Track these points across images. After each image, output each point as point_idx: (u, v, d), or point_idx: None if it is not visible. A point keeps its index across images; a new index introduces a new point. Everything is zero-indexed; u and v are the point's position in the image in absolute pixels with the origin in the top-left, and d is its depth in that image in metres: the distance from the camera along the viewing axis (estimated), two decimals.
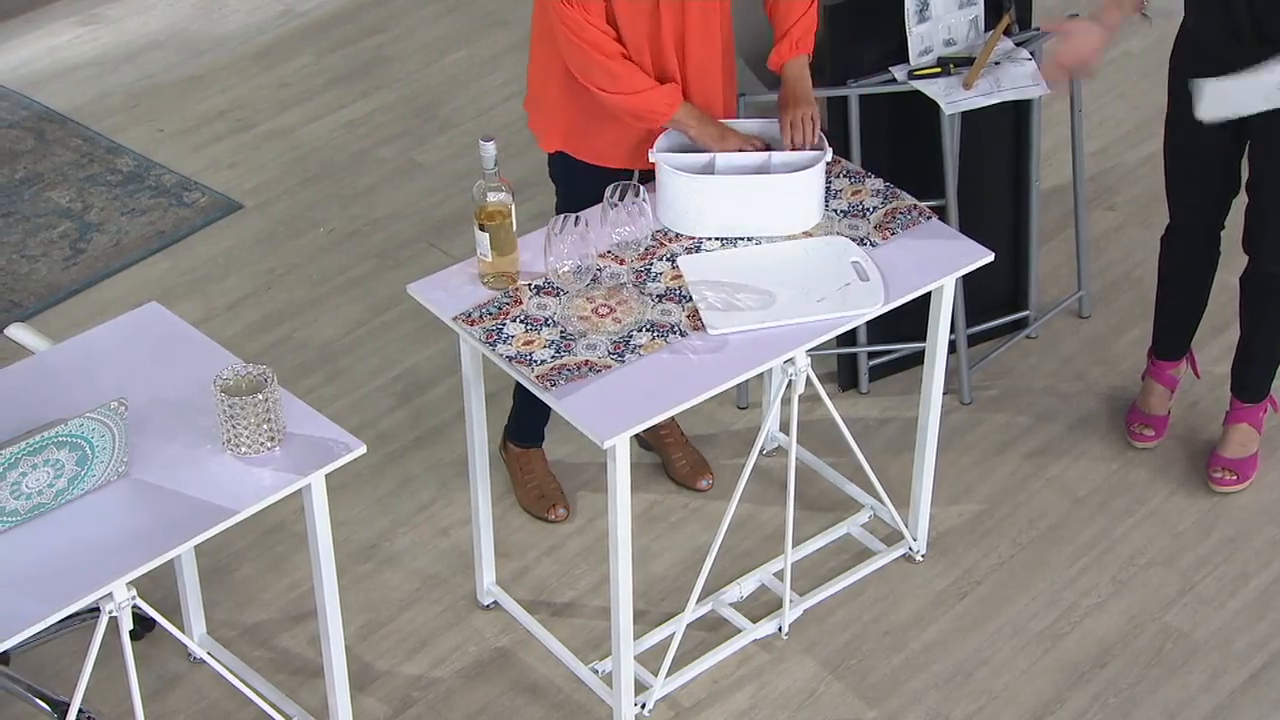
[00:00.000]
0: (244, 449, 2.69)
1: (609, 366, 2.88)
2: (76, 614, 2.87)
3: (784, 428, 3.75)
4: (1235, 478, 3.58)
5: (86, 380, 2.83)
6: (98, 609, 2.55)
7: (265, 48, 5.23)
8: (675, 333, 2.95)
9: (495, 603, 3.40)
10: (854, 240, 3.13)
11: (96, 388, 2.81)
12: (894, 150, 3.75)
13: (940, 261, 3.10)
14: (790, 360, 3.00)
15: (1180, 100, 3.41)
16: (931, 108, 3.62)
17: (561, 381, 2.85)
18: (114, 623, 2.58)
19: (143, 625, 3.29)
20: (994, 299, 3.99)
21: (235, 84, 5.05)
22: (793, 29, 3.24)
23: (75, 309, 4.19)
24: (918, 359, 3.93)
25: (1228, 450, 3.61)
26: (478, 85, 5.02)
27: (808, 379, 3.03)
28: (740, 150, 3.16)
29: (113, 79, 5.08)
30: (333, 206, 4.54)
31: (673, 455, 3.68)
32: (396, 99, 4.97)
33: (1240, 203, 3.47)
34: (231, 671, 3.07)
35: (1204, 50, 3.29)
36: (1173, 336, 3.69)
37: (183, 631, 3.20)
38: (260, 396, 2.66)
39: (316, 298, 4.22)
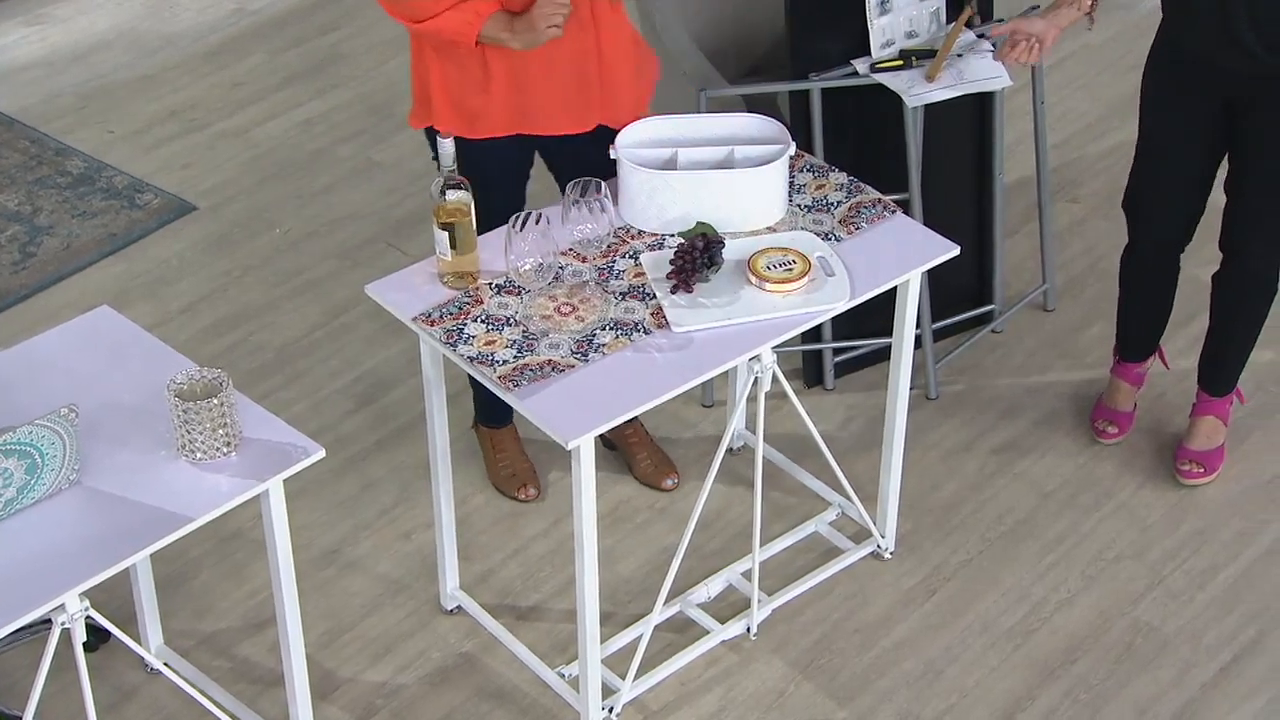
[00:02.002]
0: (199, 455, 2.63)
1: (572, 366, 2.83)
2: (28, 626, 2.80)
3: (750, 425, 3.70)
4: (1202, 470, 3.56)
5: (36, 386, 2.76)
6: (49, 621, 2.49)
7: (217, 46, 5.16)
8: (639, 331, 2.90)
9: (459, 607, 3.35)
10: (818, 235, 3.09)
11: (46, 394, 2.75)
12: (856, 144, 3.72)
13: (906, 256, 3.06)
14: (756, 358, 2.95)
15: (1156, 115, 3.33)
16: (893, 101, 3.59)
17: (524, 382, 2.80)
18: (67, 634, 2.52)
19: (97, 636, 3.22)
20: (958, 294, 3.97)
21: (187, 83, 4.98)
22: None
23: (25, 314, 4.11)
24: (882, 355, 3.89)
25: (1194, 443, 3.58)
26: None
27: (774, 376, 2.99)
28: (555, 19, 2.96)
29: (61, 79, 5.00)
30: (289, 207, 4.47)
31: (637, 455, 3.64)
32: (353, 97, 4.90)
33: (1215, 201, 3.43)
34: (189, 682, 3.01)
35: (1188, 58, 3.21)
36: (1137, 341, 3.65)
37: (139, 642, 3.14)
38: (215, 401, 2.60)
39: (273, 300, 4.15)
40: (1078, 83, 4.86)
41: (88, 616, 2.51)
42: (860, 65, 3.58)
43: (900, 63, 3.56)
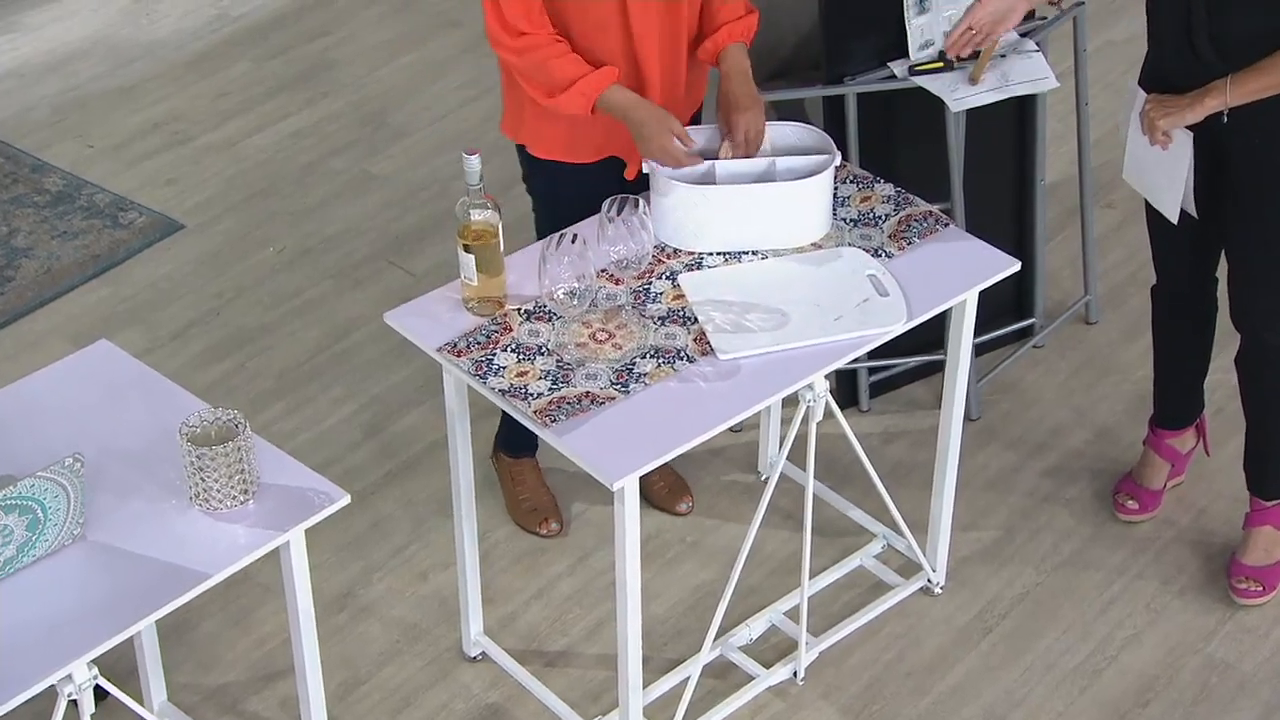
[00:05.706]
0: (214, 504, 2.41)
1: (613, 398, 2.62)
2: None
3: (787, 452, 3.48)
4: (1261, 589, 3.19)
5: (34, 430, 2.54)
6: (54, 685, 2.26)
7: (200, 54, 4.92)
8: (682, 358, 2.69)
9: (483, 654, 3.13)
10: (868, 251, 2.89)
11: (46, 438, 2.52)
12: (890, 150, 3.51)
13: (963, 272, 2.86)
14: (807, 385, 2.74)
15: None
16: (927, 104, 3.38)
17: (562, 417, 2.59)
18: (73, 703, 2.30)
19: (96, 693, 2.98)
20: (997, 306, 3.76)
21: (170, 94, 4.74)
22: (733, 22, 2.93)
23: (5, 343, 3.87)
24: (917, 372, 3.70)
25: (1250, 557, 3.19)
26: (430, 90, 4.73)
27: (825, 404, 2.79)
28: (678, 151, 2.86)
29: (35, 91, 4.75)
30: (282, 224, 4.23)
31: (650, 477, 3.43)
32: (344, 106, 4.67)
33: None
34: None
35: (1161, 78, 2.95)
36: (1170, 401, 3.33)
37: (141, 703, 2.91)
38: (232, 445, 2.37)
39: (270, 323, 3.92)
40: (1104, 80, 4.67)
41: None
42: (898, 68, 3.37)
43: (940, 64, 3.36)
